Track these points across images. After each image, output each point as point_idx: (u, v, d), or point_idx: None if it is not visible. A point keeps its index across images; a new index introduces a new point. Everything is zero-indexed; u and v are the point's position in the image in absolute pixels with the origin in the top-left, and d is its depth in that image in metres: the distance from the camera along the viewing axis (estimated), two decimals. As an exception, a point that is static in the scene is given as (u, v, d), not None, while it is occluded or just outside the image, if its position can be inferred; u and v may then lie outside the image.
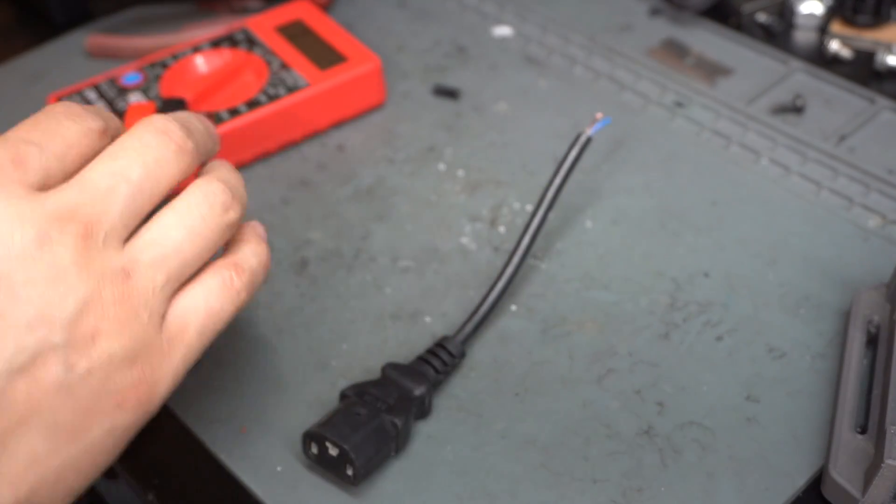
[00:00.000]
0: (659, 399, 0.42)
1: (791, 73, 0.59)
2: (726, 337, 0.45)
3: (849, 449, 0.38)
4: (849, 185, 0.51)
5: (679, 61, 0.60)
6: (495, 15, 0.66)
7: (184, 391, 0.39)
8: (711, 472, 0.39)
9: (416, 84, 0.60)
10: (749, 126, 0.55)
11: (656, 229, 0.50)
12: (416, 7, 0.67)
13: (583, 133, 0.46)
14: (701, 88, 0.58)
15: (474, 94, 0.59)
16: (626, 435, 0.41)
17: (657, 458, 0.40)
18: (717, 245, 0.49)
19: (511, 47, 0.63)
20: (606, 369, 0.43)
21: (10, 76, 0.64)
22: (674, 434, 0.41)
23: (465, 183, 0.53)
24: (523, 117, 0.57)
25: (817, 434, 0.40)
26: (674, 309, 0.46)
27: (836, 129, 0.55)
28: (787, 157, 0.53)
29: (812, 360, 0.43)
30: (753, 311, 0.46)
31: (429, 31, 0.65)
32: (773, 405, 0.42)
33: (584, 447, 0.40)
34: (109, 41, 0.64)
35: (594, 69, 0.60)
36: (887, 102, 0.56)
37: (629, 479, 0.39)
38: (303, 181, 0.54)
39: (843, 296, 0.46)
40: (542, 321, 0.46)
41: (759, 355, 0.44)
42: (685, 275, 0.48)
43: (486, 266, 0.48)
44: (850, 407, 0.40)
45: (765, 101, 0.57)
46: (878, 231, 0.49)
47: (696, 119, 0.56)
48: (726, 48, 0.61)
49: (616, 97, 0.58)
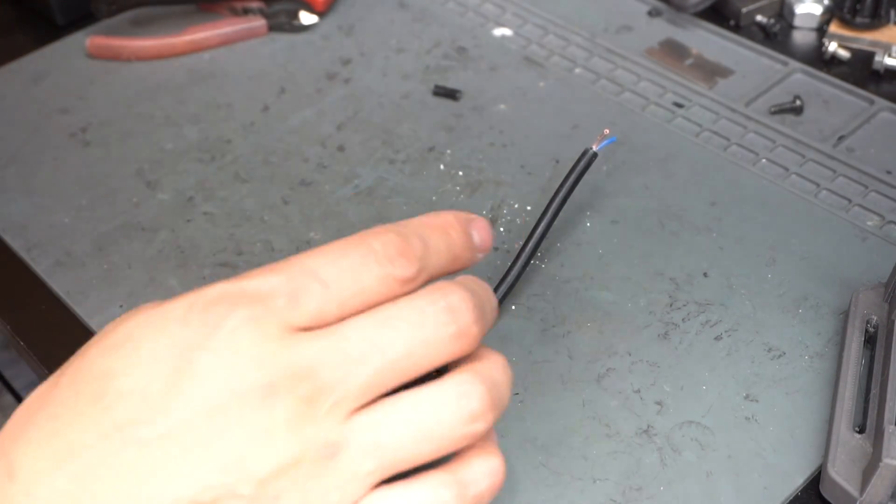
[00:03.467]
0: (658, 398, 0.42)
1: (790, 73, 0.59)
2: (725, 336, 0.45)
3: (847, 448, 0.39)
4: (847, 185, 0.52)
5: (678, 62, 0.61)
6: (496, 16, 0.66)
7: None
8: (710, 471, 0.40)
9: (416, 84, 0.61)
10: (748, 126, 0.55)
11: (656, 229, 0.50)
12: (416, 8, 0.67)
13: (589, 149, 0.46)
14: (700, 89, 0.58)
15: (474, 94, 0.60)
16: (626, 434, 0.41)
17: (656, 457, 0.40)
18: (716, 245, 0.49)
19: (511, 48, 0.63)
20: (606, 369, 0.44)
21: (11, 77, 0.64)
22: (673, 433, 0.41)
23: (464, 183, 0.54)
24: (523, 117, 0.58)
25: (816, 433, 0.41)
26: (673, 309, 0.46)
27: (834, 129, 0.55)
28: (786, 158, 0.53)
29: (810, 360, 0.43)
30: (752, 311, 0.46)
31: (429, 31, 0.65)
32: (771, 404, 0.42)
33: (584, 446, 0.41)
34: (110, 42, 0.64)
35: (594, 70, 0.61)
36: (885, 103, 0.56)
37: (628, 478, 0.39)
38: (303, 181, 0.55)
39: (842, 296, 0.46)
40: (542, 321, 0.46)
41: (757, 355, 0.44)
42: (684, 275, 0.48)
43: (486, 266, 0.49)
44: (849, 406, 0.40)
45: (764, 102, 0.57)
46: (877, 231, 0.49)
47: (695, 119, 0.56)
48: (725, 49, 0.61)
49: (616, 97, 0.59)
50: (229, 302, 0.29)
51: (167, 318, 0.30)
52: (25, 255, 0.52)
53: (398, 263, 0.30)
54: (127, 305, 0.49)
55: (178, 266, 0.50)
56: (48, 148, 0.58)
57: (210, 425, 0.28)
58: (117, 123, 0.60)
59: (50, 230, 0.53)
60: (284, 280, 0.30)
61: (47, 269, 0.51)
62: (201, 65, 0.64)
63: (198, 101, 0.61)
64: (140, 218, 0.53)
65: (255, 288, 0.29)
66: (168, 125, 0.59)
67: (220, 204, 0.54)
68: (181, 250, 0.51)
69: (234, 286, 0.30)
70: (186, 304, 0.30)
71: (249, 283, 0.30)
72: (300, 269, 0.30)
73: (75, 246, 0.52)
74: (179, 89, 0.62)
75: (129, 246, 0.52)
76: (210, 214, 0.53)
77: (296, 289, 0.30)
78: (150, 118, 0.60)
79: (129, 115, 0.60)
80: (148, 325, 0.30)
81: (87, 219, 0.54)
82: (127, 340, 0.30)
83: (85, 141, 0.59)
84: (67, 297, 0.49)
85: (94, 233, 0.53)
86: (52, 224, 0.54)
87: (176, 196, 0.55)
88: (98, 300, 0.49)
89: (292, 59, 0.64)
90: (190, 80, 0.63)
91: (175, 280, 0.50)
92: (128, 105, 0.61)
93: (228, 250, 0.51)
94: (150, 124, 0.60)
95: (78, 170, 0.57)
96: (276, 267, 0.30)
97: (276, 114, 0.60)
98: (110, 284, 0.50)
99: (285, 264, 0.30)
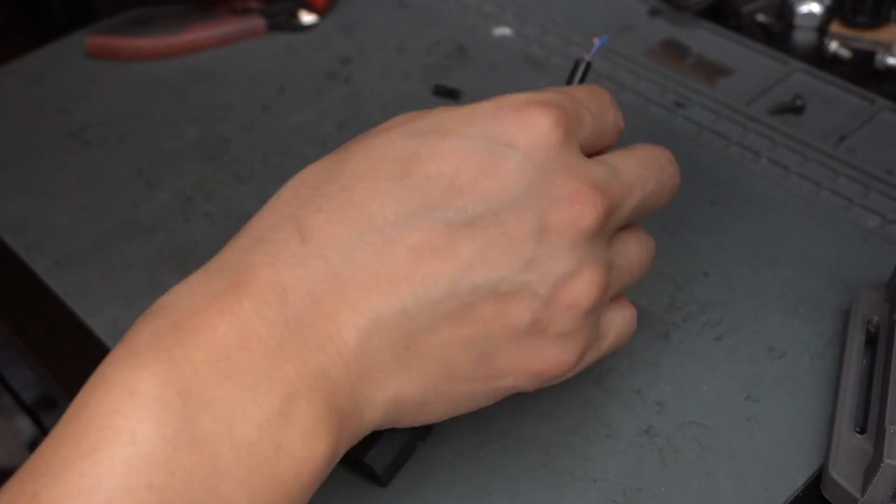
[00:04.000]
0: (659, 398, 0.42)
1: (790, 73, 0.59)
2: (726, 337, 0.45)
3: (848, 448, 0.38)
4: (848, 185, 0.51)
5: (679, 61, 0.61)
6: (495, 15, 0.66)
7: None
8: (711, 471, 0.39)
9: (416, 84, 0.61)
10: (749, 126, 0.55)
11: (656, 229, 0.50)
12: (416, 7, 0.67)
13: (581, 59, 0.42)
14: (701, 88, 0.58)
15: (474, 94, 0.59)
16: (626, 434, 0.41)
17: (657, 457, 0.40)
18: (716, 245, 0.49)
19: (511, 48, 0.63)
20: (606, 369, 0.44)
21: (10, 76, 0.64)
22: (673, 434, 0.41)
23: (465, 183, 0.53)
24: (523, 117, 0.57)
25: (817, 433, 0.41)
26: (673, 309, 0.46)
27: (835, 129, 0.55)
28: (786, 158, 0.53)
29: (811, 360, 0.43)
30: (753, 311, 0.46)
31: (429, 31, 0.65)
32: (772, 405, 0.42)
33: (584, 447, 0.41)
34: (109, 41, 0.64)
35: (594, 69, 0.60)
36: (887, 103, 0.56)
37: (629, 479, 0.39)
38: (303, 181, 0.55)
39: (843, 296, 0.46)
40: (542, 321, 0.46)
41: (758, 355, 0.44)
42: (685, 274, 0.48)
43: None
44: (850, 406, 0.40)
45: (764, 102, 0.57)
46: (878, 231, 0.49)
47: (696, 119, 0.56)
48: (726, 48, 0.61)
49: (616, 97, 0.58)
50: (545, 106, 0.31)
51: (475, 114, 0.31)
52: (24, 255, 0.52)
53: (618, 110, 0.35)
54: (127, 305, 0.48)
55: (177, 266, 0.50)
56: (47, 148, 0.58)
57: (519, 222, 0.30)
58: (117, 123, 0.60)
59: (49, 230, 0.53)
60: (570, 102, 0.32)
61: (46, 268, 0.51)
62: (201, 64, 0.64)
63: (197, 100, 0.61)
64: (140, 218, 0.53)
65: (558, 101, 0.32)
66: (168, 125, 0.59)
67: (220, 204, 0.54)
68: (181, 250, 0.51)
69: (539, 96, 0.32)
70: (494, 104, 0.32)
71: (547, 95, 0.32)
72: (575, 101, 0.33)
73: (74, 246, 0.52)
74: (179, 89, 0.62)
75: (128, 246, 0.52)
76: (210, 214, 0.53)
77: (579, 113, 0.32)
78: (150, 118, 0.60)
79: (128, 114, 0.60)
80: (454, 117, 0.31)
81: (86, 219, 0.54)
82: (432, 130, 0.31)
83: (84, 141, 0.59)
84: (66, 296, 0.49)
85: (94, 233, 0.53)
86: (52, 224, 0.54)
87: (175, 196, 0.55)
88: (97, 300, 0.49)
89: (292, 59, 0.64)
90: (189, 80, 0.63)
91: (175, 280, 0.49)
92: (127, 105, 0.61)
93: (228, 250, 0.51)
94: (150, 124, 0.60)
95: (77, 170, 0.57)
96: (549, 90, 0.33)
97: (276, 113, 0.60)
98: (110, 284, 0.50)
99: (552, 92, 0.33)
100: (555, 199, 0.30)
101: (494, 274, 0.29)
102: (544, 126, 0.31)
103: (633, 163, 0.34)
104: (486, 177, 0.30)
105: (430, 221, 0.29)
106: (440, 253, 0.29)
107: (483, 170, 0.30)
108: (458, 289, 0.29)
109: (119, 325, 0.48)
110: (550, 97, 0.32)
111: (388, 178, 0.30)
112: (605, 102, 0.35)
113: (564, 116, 0.31)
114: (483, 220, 0.29)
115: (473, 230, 0.29)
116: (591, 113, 0.33)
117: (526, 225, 0.30)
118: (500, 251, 0.29)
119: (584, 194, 0.31)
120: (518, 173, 0.30)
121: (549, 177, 0.30)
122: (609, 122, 0.35)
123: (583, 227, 0.31)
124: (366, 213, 0.29)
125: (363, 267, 0.29)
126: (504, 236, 0.30)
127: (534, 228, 0.30)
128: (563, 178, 0.31)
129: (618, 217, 0.33)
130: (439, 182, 0.30)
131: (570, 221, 0.30)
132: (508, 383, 0.33)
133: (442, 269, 0.29)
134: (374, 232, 0.29)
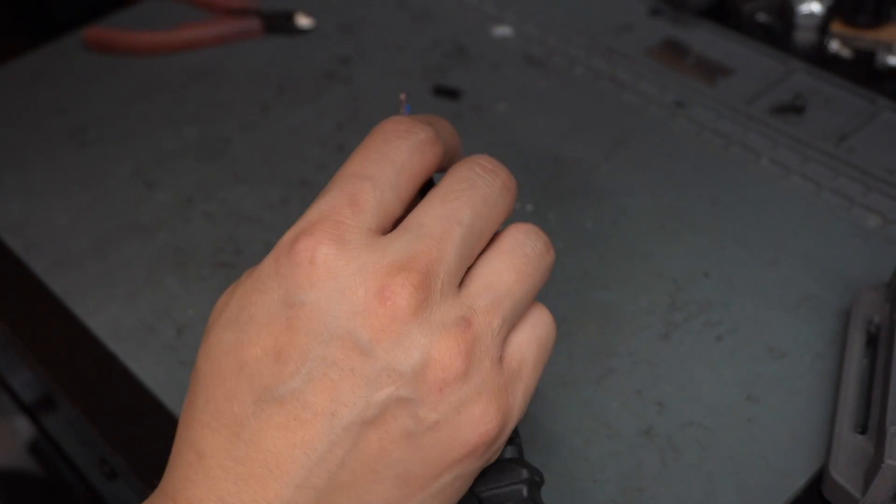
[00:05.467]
0: (659, 399, 0.42)
1: (791, 73, 0.59)
2: (726, 337, 0.45)
3: (849, 449, 0.38)
4: (849, 185, 0.51)
5: (679, 61, 0.60)
6: (496, 15, 0.66)
7: (186, 391, 0.39)
8: (711, 471, 0.39)
9: (416, 84, 0.60)
10: (749, 126, 0.55)
11: (656, 229, 0.50)
12: (416, 7, 0.67)
13: None
14: (701, 88, 0.58)
15: (474, 94, 0.59)
16: (627, 435, 0.41)
17: (657, 458, 0.40)
18: (717, 245, 0.49)
19: (511, 47, 0.63)
20: (606, 369, 0.43)
21: (9, 76, 0.64)
22: (674, 434, 0.41)
23: (464, 183, 0.53)
24: (523, 117, 0.57)
25: (817, 434, 0.40)
26: (674, 309, 0.46)
27: (836, 129, 0.55)
28: (787, 157, 0.53)
29: (812, 360, 0.43)
30: (753, 311, 0.46)
31: (429, 31, 0.65)
32: (773, 405, 0.42)
33: (585, 447, 0.40)
34: (107, 34, 0.64)
35: (594, 69, 0.60)
36: (887, 102, 0.56)
37: (629, 479, 0.39)
38: (303, 181, 0.54)
39: (844, 296, 0.46)
40: (542, 321, 0.46)
41: (759, 355, 0.44)
42: (685, 275, 0.48)
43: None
44: (851, 407, 0.40)
45: (765, 101, 0.57)
46: (879, 231, 0.49)
47: (696, 119, 0.56)
48: (726, 48, 0.61)
49: (616, 97, 0.58)
50: (306, 235, 0.31)
51: (262, 277, 0.31)
52: (24, 255, 0.52)
53: (415, 129, 0.33)
54: (126, 305, 0.48)
55: (177, 266, 0.50)
56: (46, 147, 0.58)
57: (346, 351, 0.30)
58: (116, 123, 0.60)
59: (48, 230, 0.53)
60: (337, 193, 0.32)
61: (45, 268, 0.51)
62: (200, 64, 0.64)
63: (197, 100, 0.61)
64: (139, 218, 0.53)
65: (320, 213, 0.32)
66: (167, 125, 0.59)
67: (220, 204, 0.54)
68: (180, 250, 0.51)
69: (302, 223, 0.32)
70: (272, 257, 0.32)
71: (312, 212, 0.32)
72: (344, 178, 0.32)
73: (73, 246, 0.52)
74: (178, 89, 0.62)
75: (127, 246, 0.52)
76: (209, 214, 0.53)
77: (352, 194, 0.32)
78: (149, 118, 0.60)
79: (127, 114, 0.60)
80: (250, 290, 0.32)
81: (85, 218, 0.54)
82: (240, 310, 0.31)
83: (83, 140, 0.59)
84: (66, 296, 0.49)
85: (93, 232, 0.53)
86: (51, 224, 0.53)
87: (175, 196, 0.54)
88: (96, 300, 0.49)
89: (291, 59, 0.64)
90: (189, 80, 0.63)
91: (174, 280, 0.50)
92: (126, 104, 0.61)
93: (227, 250, 0.51)
94: (149, 124, 0.59)
95: (76, 169, 0.57)
96: (324, 191, 0.33)
97: (276, 113, 0.60)
98: (109, 284, 0.50)
99: (330, 184, 0.32)
100: (363, 307, 0.30)
101: (356, 408, 0.30)
102: (318, 254, 0.30)
103: (436, 204, 0.32)
104: (293, 332, 0.30)
105: (278, 396, 0.30)
106: (302, 417, 0.30)
107: (288, 327, 0.30)
108: (335, 438, 0.30)
109: (118, 324, 0.48)
110: (311, 216, 0.32)
111: (231, 376, 0.31)
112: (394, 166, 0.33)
113: (334, 227, 0.31)
114: (318, 369, 0.30)
115: (315, 383, 0.30)
116: (370, 172, 0.32)
117: (353, 348, 0.30)
118: (348, 387, 0.30)
119: (387, 285, 0.30)
120: (319, 311, 0.30)
121: (346, 293, 0.30)
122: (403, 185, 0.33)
123: (401, 314, 0.30)
124: (231, 416, 0.31)
125: (253, 462, 0.30)
126: (342, 371, 0.30)
127: (361, 346, 0.30)
128: (361, 283, 0.30)
129: (446, 269, 0.31)
130: (266, 360, 0.30)
131: (388, 317, 0.30)
132: (449, 477, 0.31)
133: (312, 430, 0.30)
134: (245, 430, 0.30)
